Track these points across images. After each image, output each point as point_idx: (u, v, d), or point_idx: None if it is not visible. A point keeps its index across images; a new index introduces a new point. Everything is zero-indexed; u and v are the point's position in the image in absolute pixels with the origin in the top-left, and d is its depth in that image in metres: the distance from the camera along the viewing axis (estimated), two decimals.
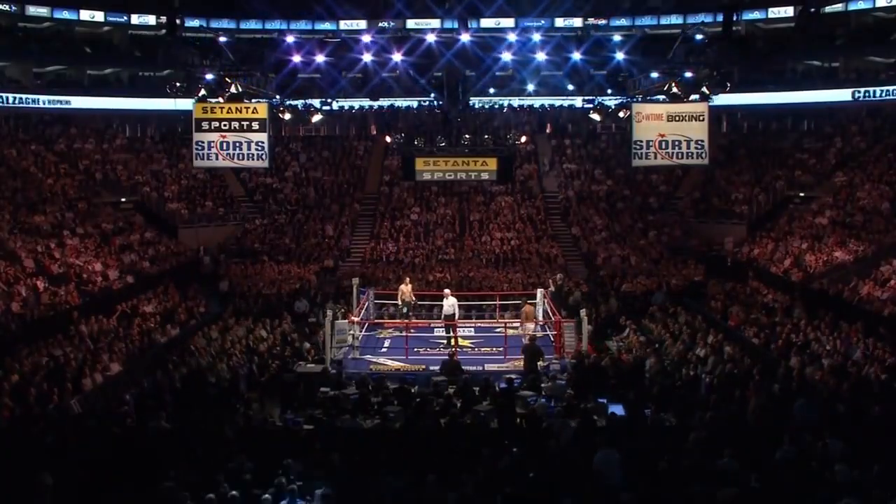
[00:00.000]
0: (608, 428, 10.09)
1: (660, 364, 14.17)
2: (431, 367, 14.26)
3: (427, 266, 23.19)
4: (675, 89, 16.76)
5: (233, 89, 16.69)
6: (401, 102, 29.76)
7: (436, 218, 26.17)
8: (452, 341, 15.85)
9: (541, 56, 22.66)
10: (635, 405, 11.36)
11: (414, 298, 17.69)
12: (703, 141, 16.97)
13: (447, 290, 17.39)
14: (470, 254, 24.00)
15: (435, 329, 17.49)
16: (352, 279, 18.79)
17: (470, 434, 9.99)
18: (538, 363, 14.00)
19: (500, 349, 15.40)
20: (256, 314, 18.51)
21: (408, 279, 18.36)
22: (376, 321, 18.25)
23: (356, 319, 16.31)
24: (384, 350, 16.27)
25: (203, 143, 17.19)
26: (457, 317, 16.75)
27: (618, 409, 11.39)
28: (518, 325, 16.47)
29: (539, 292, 18.47)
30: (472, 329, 17.55)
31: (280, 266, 22.97)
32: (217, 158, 17.29)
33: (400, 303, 17.63)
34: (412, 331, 16.50)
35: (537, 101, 30.12)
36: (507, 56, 22.54)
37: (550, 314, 17.05)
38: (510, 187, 27.13)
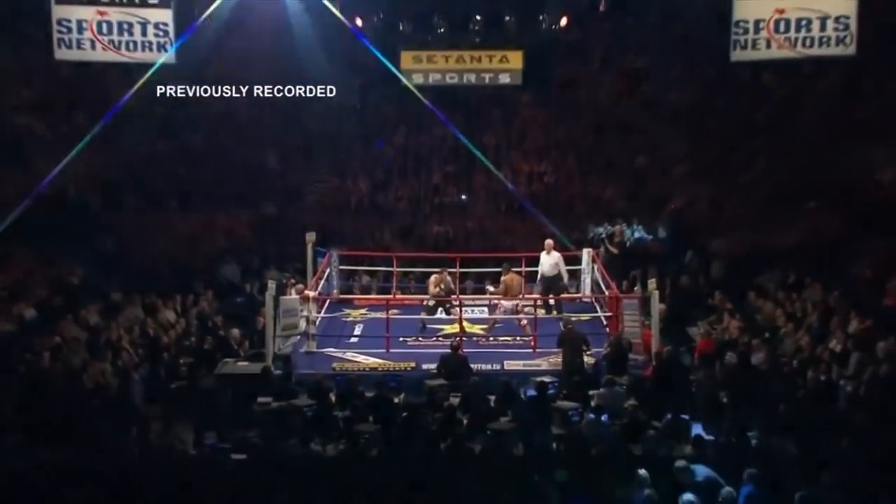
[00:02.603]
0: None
1: (773, 362, 14.13)
2: (425, 366, 14.37)
3: (418, 213, 23.13)
4: None
5: None
6: None
7: (431, 142, 25.97)
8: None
9: None
10: (736, 426, 11.32)
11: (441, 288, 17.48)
12: (847, 18, 16.88)
13: (549, 241, 17.68)
14: (482, 195, 23.84)
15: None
16: (305, 234, 18.71)
17: (482, 466, 9.98)
18: (583, 358, 14.05)
19: (528, 338, 15.42)
20: (160, 288, 18.43)
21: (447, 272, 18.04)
22: (342, 297, 18.25)
23: (313, 294, 16.31)
24: (354, 340, 16.39)
25: (69, 22, 17.29)
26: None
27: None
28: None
29: (586, 254, 18.50)
30: (486, 308, 17.60)
31: (196, 215, 22.80)
32: (93, 47, 17.32)
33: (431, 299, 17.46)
34: (395, 311, 16.53)
35: None
36: None
37: (603, 287, 17.09)
38: (543, 95, 26.77)
